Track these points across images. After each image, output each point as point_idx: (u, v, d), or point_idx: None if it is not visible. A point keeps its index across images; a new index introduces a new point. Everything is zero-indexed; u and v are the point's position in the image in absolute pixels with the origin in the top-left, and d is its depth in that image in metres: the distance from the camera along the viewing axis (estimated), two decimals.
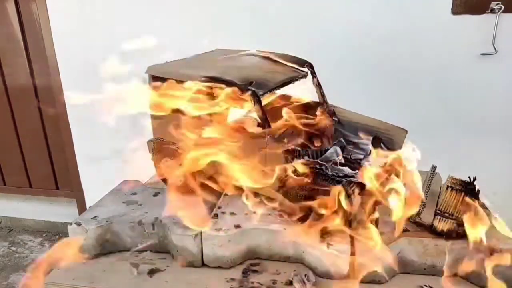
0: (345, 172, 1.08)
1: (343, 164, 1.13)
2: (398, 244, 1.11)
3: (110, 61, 1.33)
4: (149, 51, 1.54)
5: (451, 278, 1.13)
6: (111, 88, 1.29)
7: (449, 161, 1.41)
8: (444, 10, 2.00)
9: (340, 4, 2.09)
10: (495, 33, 1.96)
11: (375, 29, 2.07)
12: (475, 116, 2.13)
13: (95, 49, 1.38)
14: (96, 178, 2.69)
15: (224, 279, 1.14)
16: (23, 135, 3.01)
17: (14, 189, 3.20)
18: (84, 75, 1.70)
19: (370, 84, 2.15)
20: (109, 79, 1.30)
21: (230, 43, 1.52)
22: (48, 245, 3.12)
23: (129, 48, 2.19)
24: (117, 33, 2.40)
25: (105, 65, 1.28)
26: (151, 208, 1.33)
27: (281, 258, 1.21)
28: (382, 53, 2.11)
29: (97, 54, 1.29)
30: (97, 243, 1.24)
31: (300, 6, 2.13)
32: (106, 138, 2.37)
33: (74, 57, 2.48)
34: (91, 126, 2.53)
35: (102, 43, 2.23)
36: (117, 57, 1.48)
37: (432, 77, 2.11)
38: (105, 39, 2.33)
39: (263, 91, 1.15)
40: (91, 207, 1.36)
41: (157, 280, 1.15)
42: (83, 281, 1.15)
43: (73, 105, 2.66)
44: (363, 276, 1.11)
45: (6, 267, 2.85)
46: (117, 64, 1.30)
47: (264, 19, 2.17)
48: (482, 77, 2.06)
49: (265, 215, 1.24)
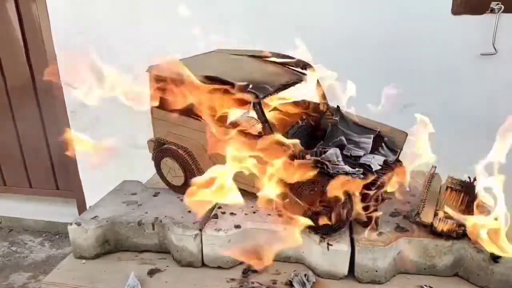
0: (345, 170, 1.08)
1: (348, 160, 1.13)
2: (398, 244, 1.12)
3: (110, 61, 1.33)
4: (150, 51, 1.54)
5: (451, 278, 1.13)
6: (112, 88, 1.29)
7: (449, 161, 1.41)
8: (444, 10, 2.00)
9: (340, 4, 2.09)
10: (495, 33, 1.96)
11: (375, 30, 2.07)
12: (475, 116, 2.13)
13: (95, 49, 1.38)
14: (96, 178, 2.69)
15: (224, 279, 1.14)
16: (23, 135, 3.02)
17: (14, 189, 3.21)
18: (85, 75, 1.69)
19: (370, 85, 2.15)
20: (110, 79, 1.29)
21: (230, 43, 1.52)
22: (48, 245, 3.12)
23: (130, 48, 2.20)
24: (118, 33, 2.41)
25: (106, 65, 1.28)
26: (151, 208, 1.33)
27: (281, 258, 1.21)
28: (382, 53, 2.11)
29: (98, 54, 1.29)
30: (97, 243, 1.24)
31: (300, 6, 2.13)
32: (106, 138, 2.37)
33: (74, 57, 2.48)
34: (91, 126, 2.53)
35: (102, 43, 2.23)
36: (117, 57, 1.48)
37: (432, 77, 2.11)
38: (106, 39, 2.33)
39: (263, 94, 1.15)
40: (91, 207, 1.36)
41: (157, 280, 1.15)
42: (83, 281, 1.15)
43: (73, 105, 2.66)
44: (363, 276, 1.11)
45: (6, 267, 2.85)
46: (118, 64, 1.30)
47: (264, 19, 2.17)
48: (482, 77, 2.06)
49: (265, 215, 1.24)
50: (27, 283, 2.69)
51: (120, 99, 1.27)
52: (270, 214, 1.23)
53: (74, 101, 2.56)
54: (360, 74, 2.16)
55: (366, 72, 2.15)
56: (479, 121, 2.13)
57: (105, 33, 2.39)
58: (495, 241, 1.04)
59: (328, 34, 2.12)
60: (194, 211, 1.16)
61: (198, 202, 1.08)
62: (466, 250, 1.10)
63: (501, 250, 1.03)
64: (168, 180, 1.43)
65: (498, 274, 1.06)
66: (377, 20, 2.07)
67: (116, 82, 1.27)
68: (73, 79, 1.30)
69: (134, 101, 1.29)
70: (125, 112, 1.36)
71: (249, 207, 1.29)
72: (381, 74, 2.14)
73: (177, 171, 1.38)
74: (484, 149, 1.29)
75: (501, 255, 1.04)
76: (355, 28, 2.10)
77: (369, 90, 2.22)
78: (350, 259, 1.12)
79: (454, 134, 2.15)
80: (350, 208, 1.09)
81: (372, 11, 2.06)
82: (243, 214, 1.25)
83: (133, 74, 1.31)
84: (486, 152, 1.16)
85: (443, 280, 1.13)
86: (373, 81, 2.16)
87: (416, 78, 2.13)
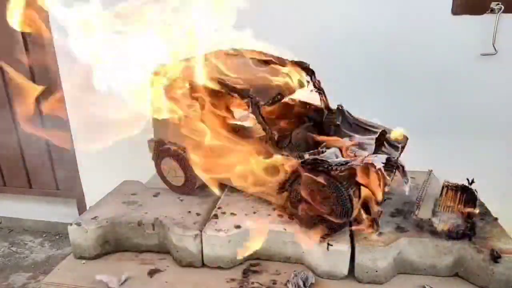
0: (341, 162, 1.08)
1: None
2: (398, 244, 1.11)
3: (110, 61, 1.33)
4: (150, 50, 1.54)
5: (451, 278, 1.13)
6: (112, 87, 1.29)
7: (448, 161, 1.41)
8: (444, 10, 2.00)
9: (340, 4, 2.09)
10: (495, 33, 1.96)
11: (375, 30, 2.07)
12: (475, 116, 2.12)
13: (96, 49, 1.38)
14: (96, 178, 2.69)
15: (224, 279, 1.14)
16: (23, 135, 3.01)
17: (14, 189, 3.20)
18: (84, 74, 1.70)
19: (370, 85, 2.15)
20: (110, 78, 1.29)
21: (230, 43, 1.52)
22: (48, 246, 3.12)
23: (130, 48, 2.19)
24: (118, 32, 2.40)
25: (106, 65, 1.28)
26: (151, 208, 1.33)
27: (281, 258, 1.21)
28: (382, 54, 2.11)
29: (98, 53, 1.29)
30: (97, 243, 1.24)
31: (300, 7, 2.13)
32: (107, 138, 2.36)
33: (74, 57, 2.47)
34: (92, 126, 2.53)
35: (103, 43, 2.23)
36: (118, 57, 1.48)
37: (432, 77, 2.11)
38: (106, 39, 2.33)
39: (263, 101, 1.15)
40: (91, 208, 1.36)
41: (157, 280, 1.15)
42: (83, 281, 1.15)
43: (73, 105, 2.66)
44: (363, 276, 1.11)
45: (6, 267, 2.85)
46: (118, 64, 1.30)
47: (264, 19, 2.17)
48: (482, 77, 2.06)
49: (265, 215, 1.24)
50: (27, 283, 2.69)
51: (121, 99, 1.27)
52: (270, 214, 1.23)
53: (74, 101, 2.55)
54: (360, 74, 2.17)
55: (366, 72, 2.15)
56: (479, 121, 2.13)
57: (106, 33, 2.38)
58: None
59: (328, 34, 2.12)
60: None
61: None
62: (466, 250, 1.10)
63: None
64: (168, 180, 1.43)
65: (498, 274, 1.06)
66: (377, 20, 2.07)
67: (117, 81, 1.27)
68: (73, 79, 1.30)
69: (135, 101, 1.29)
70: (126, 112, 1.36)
71: (249, 207, 1.29)
72: (381, 74, 2.14)
73: (177, 171, 1.38)
74: (484, 149, 1.31)
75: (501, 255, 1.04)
76: (355, 28, 2.10)
77: (369, 90, 2.22)
78: (350, 259, 1.12)
79: (454, 134, 2.16)
80: (351, 208, 1.09)
81: (372, 11, 2.06)
82: (243, 214, 1.25)
83: (134, 74, 1.31)
84: (486, 152, 1.16)
85: (443, 280, 1.13)
86: (373, 81, 2.17)
87: (416, 78, 2.13)
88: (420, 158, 1.40)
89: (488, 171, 2.00)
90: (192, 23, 1.36)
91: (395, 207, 1.29)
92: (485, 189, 1.28)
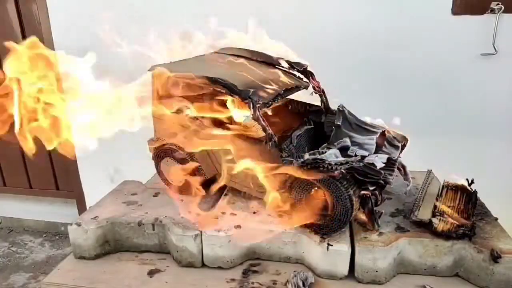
0: (341, 162, 1.08)
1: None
2: (398, 244, 1.11)
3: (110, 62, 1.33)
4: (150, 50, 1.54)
5: (451, 278, 1.13)
6: (112, 87, 1.29)
7: (448, 161, 1.41)
8: (444, 10, 2.00)
9: (340, 4, 2.10)
10: (495, 33, 1.96)
11: (375, 30, 2.08)
12: (475, 116, 2.13)
13: (96, 49, 1.38)
14: (96, 178, 2.69)
15: (224, 279, 1.14)
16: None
17: (14, 189, 3.21)
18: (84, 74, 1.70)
19: (370, 85, 2.15)
20: (110, 78, 1.30)
21: (229, 43, 1.52)
22: (48, 246, 3.12)
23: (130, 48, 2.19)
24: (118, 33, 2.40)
25: (106, 65, 1.28)
26: (151, 208, 1.33)
27: (281, 258, 1.21)
28: (382, 54, 2.11)
29: (98, 53, 1.29)
30: (97, 243, 1.24)
31: (299, 7, 2.13)
32: (107, 137, 2.37)
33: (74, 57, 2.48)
34: (91, 126, 2.53)
35: (103, 43, 2.23)
36: (118, 57, 1.48)
37: (432, 77, 2.12)
38: (106, 39, 2.33)
39: (263, 102, 1.15)
40: (91, 208, 1.36)
41: (157, 280, 1.15)
42: (83, 281, 1.15)
43: (73, 105, 2.65)
44: (363, 277, 1.11)
45: (6, 267, 2.85)
46: (118, 64, 1.30)
47: (264, 19, 2.17)
48: (482, 77, 2.06)
49: (265, 215, 1.24)
50: (27, 284, 2.69)
51: (121, 99, 1.27)
52: (270, 214, 1.23)
53: (74, 101, 2.55)
54: (360, 74, 2.17)
55: (366, 72, 2.15)
56: (479, 121, 2.13)
57: (106, 33, 2.38)
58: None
59: (328, 34, 2.12)
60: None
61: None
62: (466, 250, 1.10)
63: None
64: (168, 180, 1.43)
65: (498, 274, 1.06)
66: (377, 20, 2.07)
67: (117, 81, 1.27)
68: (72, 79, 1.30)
69: (135, 101, 1.29)
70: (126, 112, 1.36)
71: (249, 207, 1.29)
72: (381, 74, 2.15)
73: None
74: (484, 149, 1.31)
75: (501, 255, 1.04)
76: (355, 28, 2.10)
77: (369, 91, 2.23)
78: (350, 259, 1.12)
79: (454, 134, 2.16)
80: (351, 208, 1.09)
81: (372, 11, 2.06)
82: (243, 214, 1.25)
83: (134, 74, 1.31)
84: (486, 152, 1.16)
85: (443, 280, 1.13)
86: (373, 81, 2.17)
87: (416, 78, 2.13)
88: (420, 158, 1.41)
89: (488, 171, 2.01)
90: (191, 23, 1.35)
91: (395, 207, 1.29)
92: (485, 189, 1.28)
